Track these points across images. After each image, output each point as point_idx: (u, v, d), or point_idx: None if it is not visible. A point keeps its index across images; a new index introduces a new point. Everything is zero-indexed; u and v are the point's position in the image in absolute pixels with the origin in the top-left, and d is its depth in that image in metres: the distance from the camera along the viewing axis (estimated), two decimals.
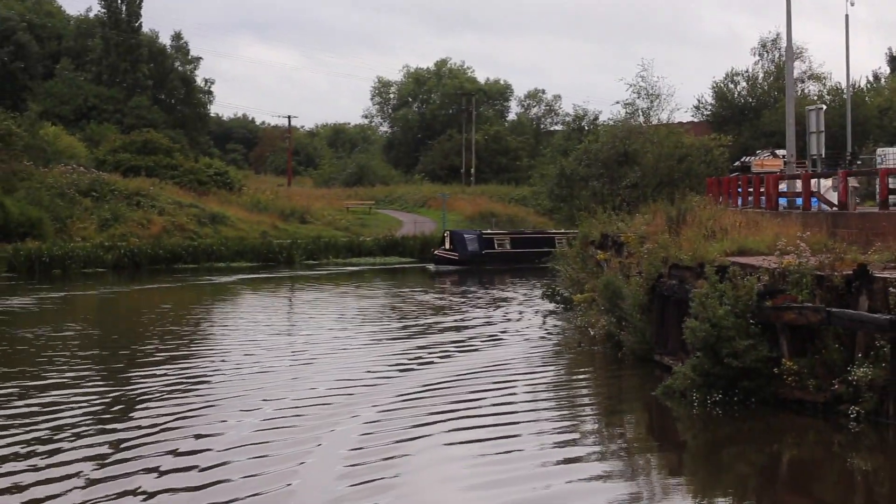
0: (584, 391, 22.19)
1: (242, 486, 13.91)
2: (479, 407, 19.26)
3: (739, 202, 33.10)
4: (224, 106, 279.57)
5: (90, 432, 16.98)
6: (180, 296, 45.41)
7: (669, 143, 48.98)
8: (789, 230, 21.88)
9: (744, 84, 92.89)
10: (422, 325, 32.63)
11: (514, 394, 20.70)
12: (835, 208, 25.94)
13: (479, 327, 32.01)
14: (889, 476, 15.51)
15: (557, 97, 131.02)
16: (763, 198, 30.82)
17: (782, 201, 30.37)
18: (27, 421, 17.73)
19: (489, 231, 69.66)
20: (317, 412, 18.68)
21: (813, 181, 28.43)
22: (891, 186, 25.68)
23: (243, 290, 47.88)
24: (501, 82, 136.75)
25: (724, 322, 18.37)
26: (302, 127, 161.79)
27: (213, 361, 24.99)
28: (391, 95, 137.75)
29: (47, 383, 21.56)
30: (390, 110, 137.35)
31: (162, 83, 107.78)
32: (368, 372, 23.12)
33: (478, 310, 37.72)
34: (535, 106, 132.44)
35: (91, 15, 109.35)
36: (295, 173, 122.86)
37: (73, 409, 18.82)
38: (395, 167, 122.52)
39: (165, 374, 22.70)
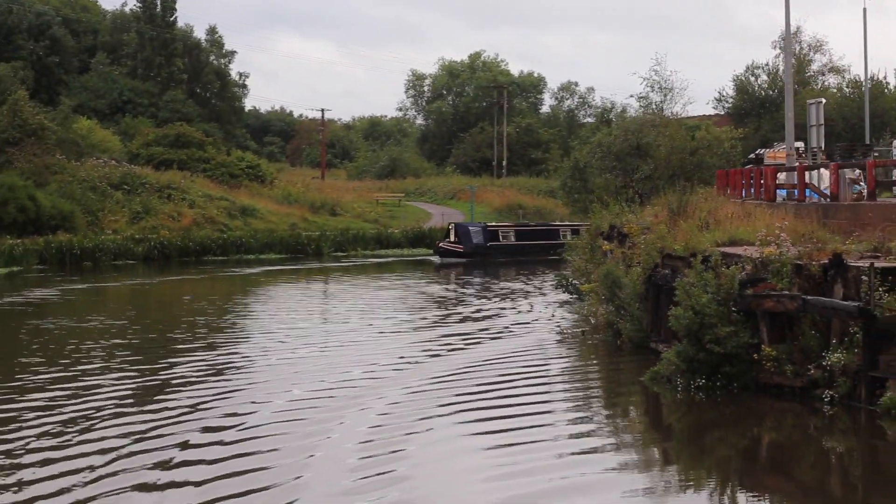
0: (582, 381, 22.36)
1: (252, 478, 13.95)
2: (485, 399, 19.51)
3: (744, 194, 33.35)
4: (261, 99, 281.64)
5: (101, 425, 17.06)
6: (206, 287, 45.92)
7: (681, 136, 49.32)
8: (780, 221, 22.22)
9: (764, 77, 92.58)
10: (429, 318, 32.87)
11: (518, 385, 20.93)
12: (827, 199, 26.26)
13: (487, 319, 32.20)
14: (861, 457, 16.01)
15: (591, 90, 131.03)
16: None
17: (782, 192, 30.66)
18: (36, 414, 17.91)
19: (494, 223, 69.92)
20: (327, 404, 18.78)
21: (814, 172, 28.73)
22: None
23: (268, 282, 48.39)
24: (535, 75, 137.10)
25: (707, 309, 18.85)
26: (339, 120, 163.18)
27: (226, 353, 25.16)
28: (425, 88, 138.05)
29: (59, 375, 21.70)
30: (424, 103, 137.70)
31: (197, 77, 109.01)
32: (376, 364, 23.17)
33: (484, 301, 38.01)
34: (568, 98, 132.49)
35: (126, 10, 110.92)
36: (331, 166, 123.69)
37: (84, 401, 18.97)
38: (429, 160, 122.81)
39: (176, 367, 22.91)
